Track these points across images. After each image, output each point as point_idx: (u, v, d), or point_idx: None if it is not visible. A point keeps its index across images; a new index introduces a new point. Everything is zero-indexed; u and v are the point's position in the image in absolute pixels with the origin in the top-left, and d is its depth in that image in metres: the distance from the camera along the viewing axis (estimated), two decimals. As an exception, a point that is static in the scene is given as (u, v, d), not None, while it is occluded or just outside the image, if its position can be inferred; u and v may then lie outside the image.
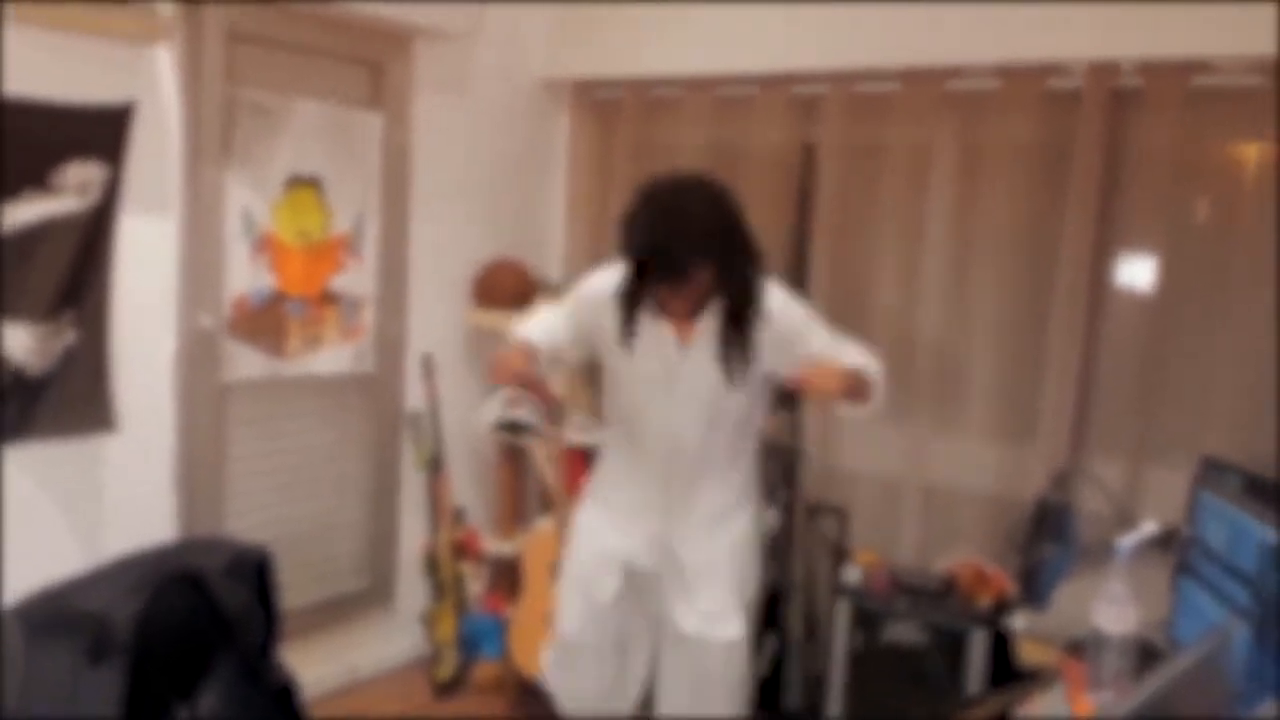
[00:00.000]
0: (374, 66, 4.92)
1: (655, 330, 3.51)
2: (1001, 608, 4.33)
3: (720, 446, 3.68)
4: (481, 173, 5.53)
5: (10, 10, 3.49)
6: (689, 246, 3.26)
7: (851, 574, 4.64)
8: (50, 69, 3.66)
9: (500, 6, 5.37)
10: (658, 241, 3.27)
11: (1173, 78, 4.26)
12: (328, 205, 4.70)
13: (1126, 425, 4.47)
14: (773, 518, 4.77)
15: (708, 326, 3.48)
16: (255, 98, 4.39)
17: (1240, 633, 2.68)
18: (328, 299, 4.75)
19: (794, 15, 4.91)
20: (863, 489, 5.05)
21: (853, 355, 3.59)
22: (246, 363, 4.49)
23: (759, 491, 3.91)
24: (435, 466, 5.23)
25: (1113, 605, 2.69)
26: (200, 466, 4.41)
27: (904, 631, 4.58)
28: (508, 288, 5.36)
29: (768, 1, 4.97)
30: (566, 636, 3.84)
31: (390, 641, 5.33)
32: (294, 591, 4.54)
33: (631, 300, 3.47)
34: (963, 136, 4.76)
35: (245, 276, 4.44)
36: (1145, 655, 2.75)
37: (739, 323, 3.46)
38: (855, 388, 3.48)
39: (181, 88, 4.14)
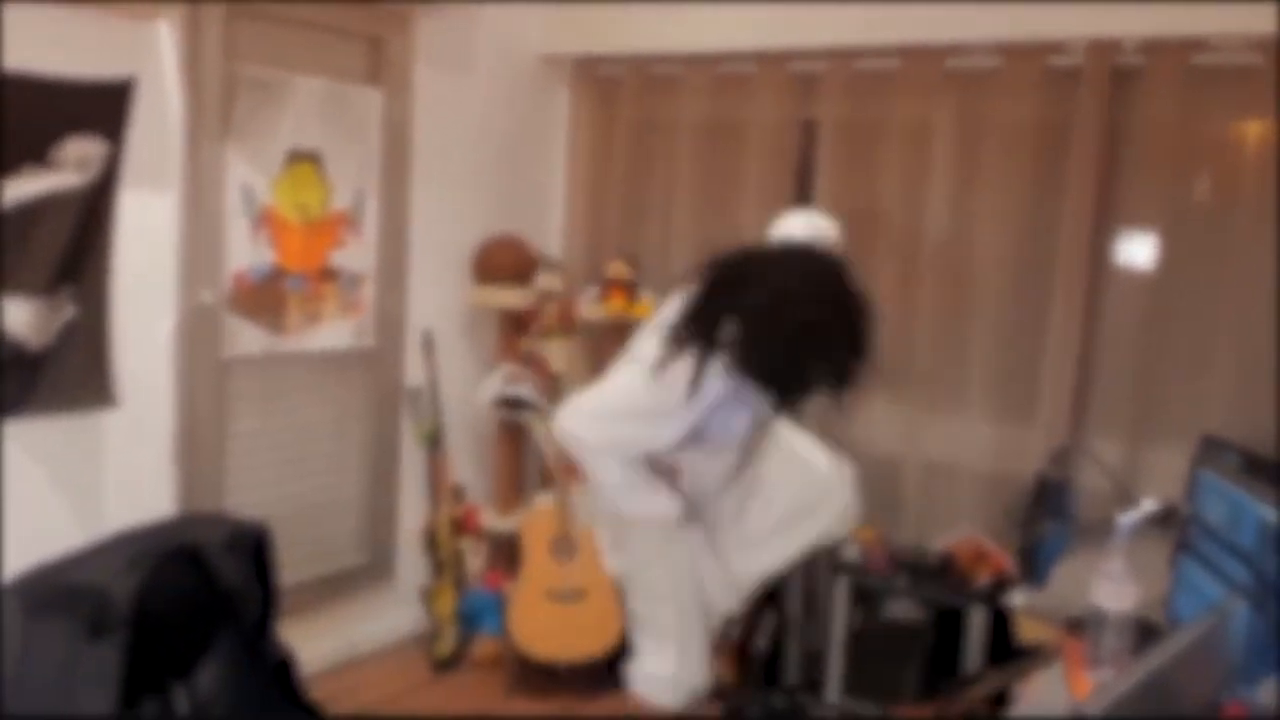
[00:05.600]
0: (374, 41, 4.90)
1: None
2: (1000, 585, 4.34)
3: None
4: (481, 148, 5.52)
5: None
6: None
7: (850, 551, 4.65)
8: (50, 44, 3.65)
9: (500, -18, 5.36)
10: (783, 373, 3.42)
11: (1173, 56, 4.26)
12: (328, 181, 4.69)
13: (1126, 403, 4.48)
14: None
15: None
16: (255, 73, 4.38)
17: (1239, 610, 2.69)
18: (328, 275, 4.75)
19: (794, -8, 4.91)
20: (862, 466, 5.03)
21: None
22: (246, 338, 4.49)
23: None
24: (435, 442, 5.23)
25: (1112, 583, 2.70)
26: (200, 442, 4.41)
27: (903, 609, 4.59)
28: (507, 264, 5.36)
29: (768, -22, 4.96)
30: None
31: (389, 618, 5.33)
32: (293, 567, 4.54)
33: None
34: (962, 114, 4.76)
35: (245, 252, 4.43)
36: (1144, 633, 2.75)
37: None
38: None
39: (181, 63, 4.13)
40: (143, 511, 3.94)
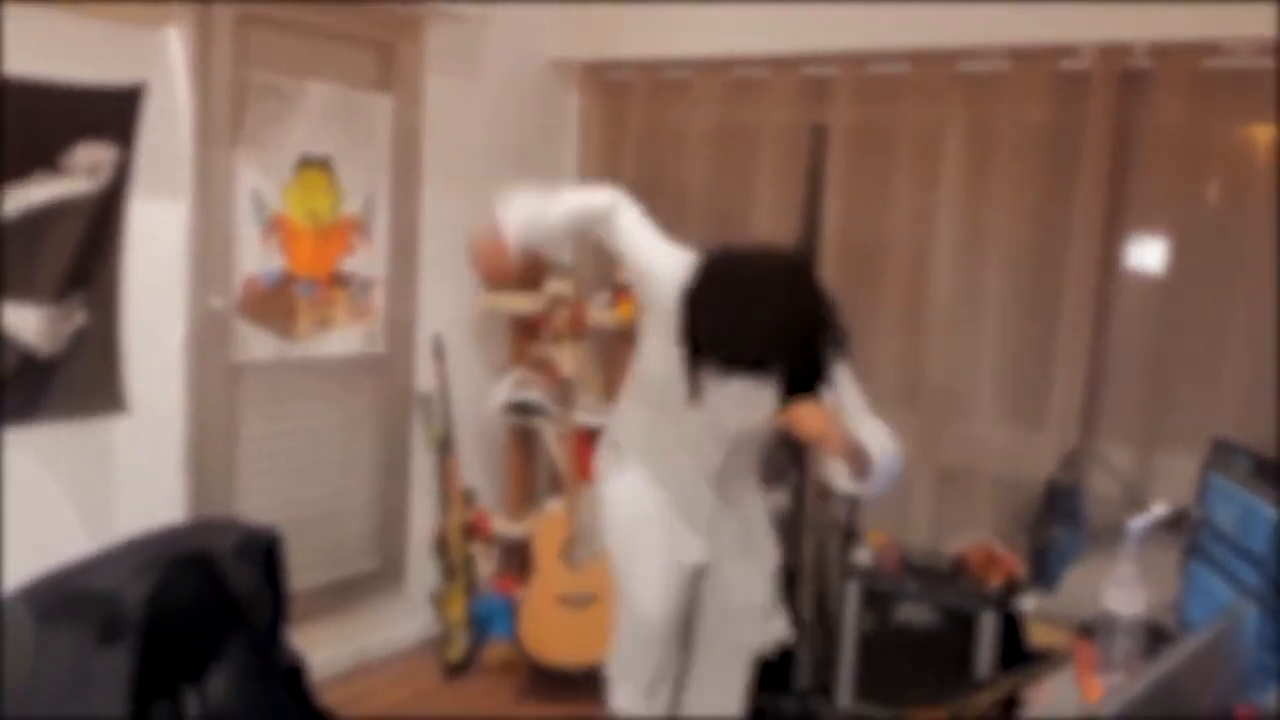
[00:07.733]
0: (384, 48, 4.91)
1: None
2: (1011, 589, 4.34)
3: (756, 448, 3.64)
4: (491, 154, 5.51)
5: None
6: (774, 354, 3.06)
7: (862, 555, 4.65)
8: (61, 50, 3.66)
9: (510, -13, 5.37)
10: (739, 347, 3.06)
11: (1183, 60, 4.25)
12: (338, 187, 4.70)
13: (1136, 407, 4.47)
14: (783, 499, 4.77)
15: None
16: (266, 79, 4.39)
17: (1250, 615, 2.68)
18: (338, 280, 4.75)
19: (804, -4, 4.91)
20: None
21: (868, 429, 3.39)
22: (257, 344, 4.50)
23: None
24: (445, 447, 5.23)
25: (1123, 587, 2.69)
26: (210, 448, 4.41)
27: (914, 613, 4.58)
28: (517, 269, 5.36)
29: (778, -18, 4.96)
30: (648, 615, 3.69)
31: (400, 623, 5.34)
32: (304, 573, 4.55)
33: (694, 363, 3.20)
34: (973, 118, 4.75)
35: (256, 258, 4.44)
36: (1155, 637, 2.75)
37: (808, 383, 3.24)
38: (850, 449, 3.25)
39: (192, 69, 4.14)
40: (153, 517, 3.95)
